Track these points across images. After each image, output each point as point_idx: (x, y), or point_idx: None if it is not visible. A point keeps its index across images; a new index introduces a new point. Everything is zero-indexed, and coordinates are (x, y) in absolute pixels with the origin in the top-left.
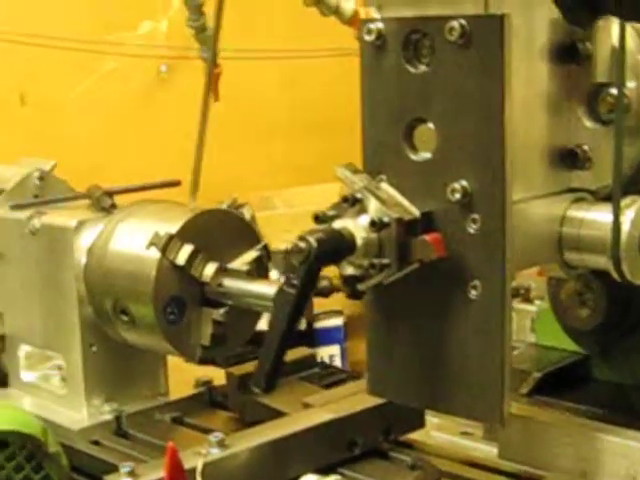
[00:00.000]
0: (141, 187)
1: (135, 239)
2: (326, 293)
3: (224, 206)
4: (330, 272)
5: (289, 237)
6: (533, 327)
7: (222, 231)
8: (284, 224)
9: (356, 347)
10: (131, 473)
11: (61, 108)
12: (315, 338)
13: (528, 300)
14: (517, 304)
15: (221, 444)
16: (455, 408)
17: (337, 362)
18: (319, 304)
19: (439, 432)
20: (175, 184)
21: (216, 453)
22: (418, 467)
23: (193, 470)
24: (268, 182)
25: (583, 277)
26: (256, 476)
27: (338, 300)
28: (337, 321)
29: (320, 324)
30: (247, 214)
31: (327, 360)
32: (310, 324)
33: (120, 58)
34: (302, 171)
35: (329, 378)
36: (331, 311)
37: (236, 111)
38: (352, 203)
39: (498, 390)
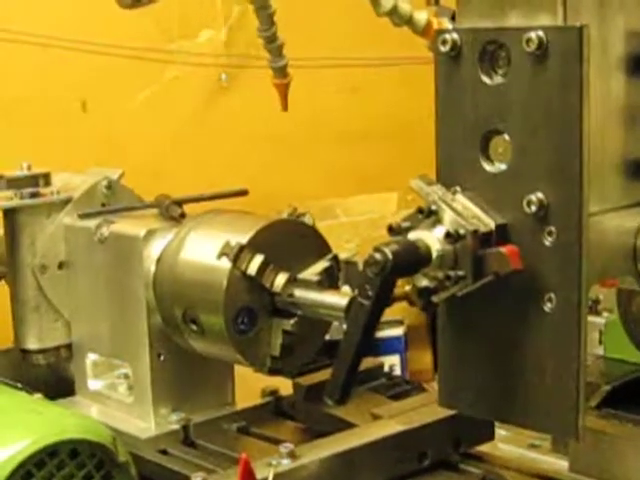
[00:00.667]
0: (209, 197)
1: (206, 248)
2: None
3: (284, 215)
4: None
5: (350, 246)
6: (601, 339)
7: (292, 241)
8: (345, 233)
9: (416, 357)
10: None
11: (123, 116)
12: (375, 347)
13: (596, 312)
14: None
15: (291, 455)
16: (529, 422)
17: (397, 372)
18: None
19: (507, 444)
20: (243, 193)
21: (286, 464)
22: (488, 479)
23: None
24: (328, 191)
25: None
26: None
27: (399, 309)
28: (398, 331)
29: (381, 333)
30: (308, 222)
31: (387, 370)
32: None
33: (181, 67)
34: (362, 180)
35: (396, 389)
36: (392, 321)
37: (297, 119)
38: (427, 215)
39: (573, 405)
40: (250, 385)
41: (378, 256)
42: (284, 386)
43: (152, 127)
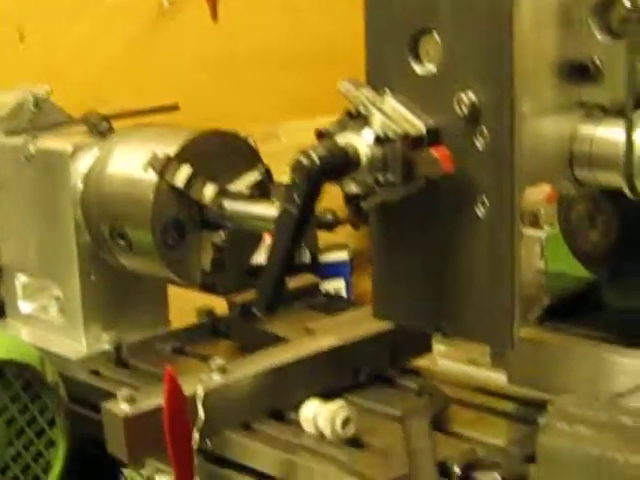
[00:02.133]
0: (139, 111)
1: (132, 162)
2: (331, 226)
3: None
4: (335, 205)
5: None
6: (542, 253)
7: (223, 153)
8: (287, 157)
9: (361, 281)
10: (129, 399)
11: (62, 45)
12: (321, 272)
13: (538, 226)
14: (526, 230)
15: (222, 370)
16: (464, 331)
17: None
18: (324, 238)
19: (446, 359)
20: (173, 108)
21: (217, 379)
22: (425, 393)
23: (193, 396)
24: (270, 115)
25: (594, 198)
26: (258, 402)
27: (344, 233)
28: (342, 255)
29: (325, 258)
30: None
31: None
32: (315, 258)
33: None
34: (305, 103)
35: (334, 306)
36: (336, 245)
37: (240, 42)
38: (355, 118)
39: (508, 312)
40: (185, 305)
41: (304, 160)
42: (221, 306)
43: (93, 55)
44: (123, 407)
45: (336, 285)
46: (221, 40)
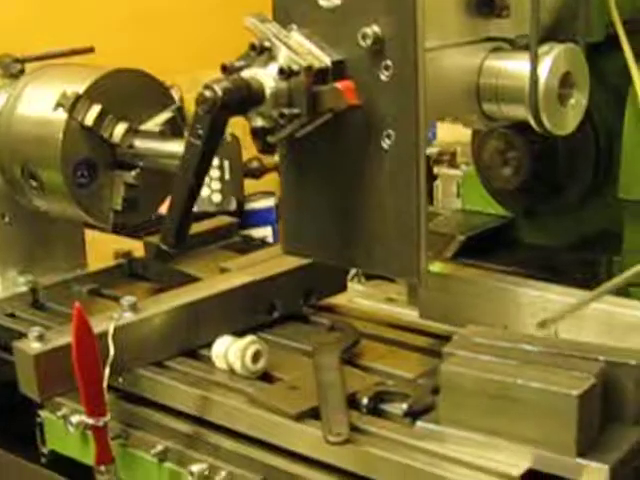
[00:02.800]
0: (53, 54)
1: (42, 101)
2: (257, 174)
3: None
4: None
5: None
6: (459, 192)
7: (134, 91)
8: None
9: None
10: (40, 337)
11: None
12: (247, 219)
13: (454, 165)
14: (443, 169)
15: (133, 308)
16: (372, 264)
17: None
18: (250, 185)
19: (363, 299)
20: (88, 51)
21: (128, 317)
22: (337, 328)
23: (105, 334)
24: (195, 64)
25: (505, 135)
26: (170, 339)
27: (270, 181)
28: (268, 202)
29: (251, 205)
30: (175, 96)
31: None
32: (241, 205)
33: None
34: (229, 51)
35: (250, 247)
36: (263, 192)
37: None
38: (260, 51)
39: (415, 244)
40: (103, 248)
41: (208, 93)
42: (139, 249)
43: (13, 7)
44: (33, 345)
45: (263, 232)
46: None
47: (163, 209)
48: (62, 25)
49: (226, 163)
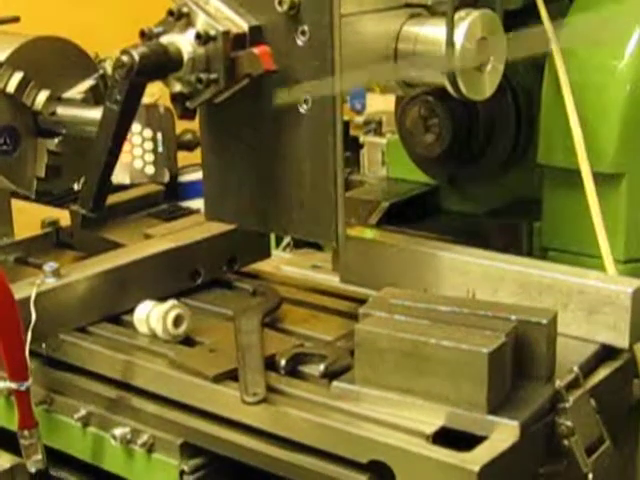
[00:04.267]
0: None
1: None
2: (191, 147)
3: None
4: (195, 127)
5: (153, 90)
6: (384, 160)
7: (57, 60)
8: None
9: None
10: None
11: None
12: (180, 192)
13: (380, 134)
14: (367, 138)
15: (56, 273)
16: (292, 228)
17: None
18: (184, 158)
19: (289, 266)
20: (13, 20)
21: (51, 282)
22: (259, 293)
23: (27, 299)
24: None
25: (427, 102)
26: (93, 304)
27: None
28: (202, 174)
29: (185, 178)
30: (109, 68)
31: None
32: (175, 178)
33: None
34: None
35: (175, 215)
36: (196, 164)
37: None
38: (178, 17)
39: (332, 207)
40: (30, 217)
41: (125, 58)
42: (65, 218)
43: None
44: None
45: (196, 205)
46: None
47: None
48: None
49: (159, 135)
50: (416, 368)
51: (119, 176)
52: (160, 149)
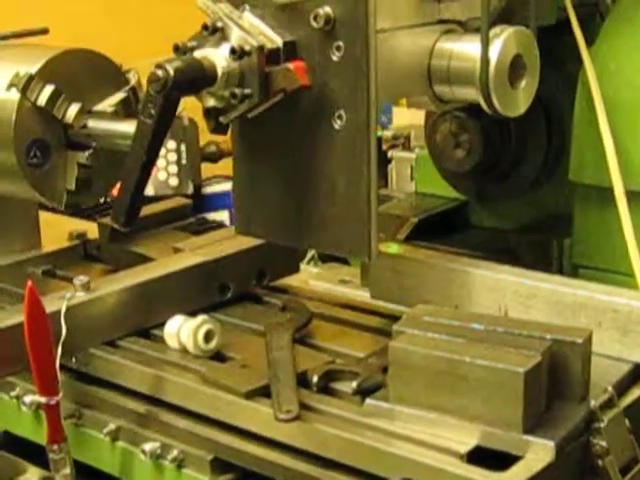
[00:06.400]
0: (7, 35)
1: None
2: (215, 159)
3: None
4: (219, 138)
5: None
6: (412, 175)
7: (88, 72)
8: None
9: None
10: None
11: None
12: (204, 204)
13: (408, 149)
14: (397, 152)
15: (86, 287)
16: (324, 243)
17: None
18: (208, 170)
19: (317, 281)
20: (43, 32)
21: (81, 296)
22: (290, 309)
23: (58, 313)
24: (157, 47)
25: (458, 118)
26: (123, 318)
27: (227, 165)
28: (226, 186)
29: (208, 190)
30: (133, 79)
31: None
32: (198, 190)
33: None
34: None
35: (203, 228)
36: (220, 176)
37: None
38: (213, 32)
39: (366, 223)
40: (58, 229)
41: (160, 72)
42: (93, 230)
43: None
44: None
45: (220, 217)
46: None
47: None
48: (19, 8)
49: (183, 147)
50: (450, 387)
51: None
52: (184, 161)
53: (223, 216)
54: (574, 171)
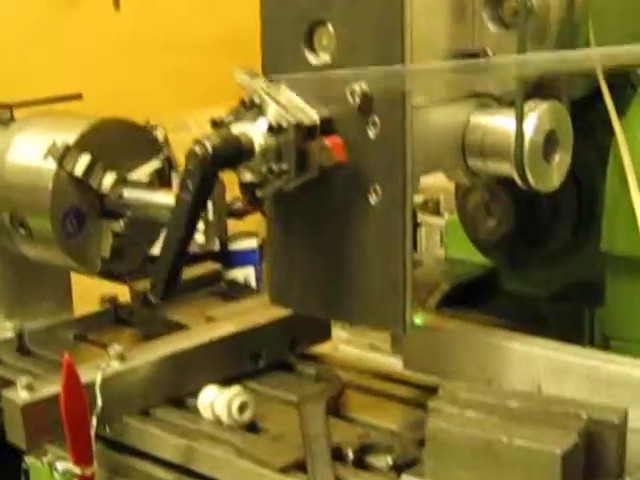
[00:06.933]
0: (41, 100)
1: (32, 150)
2: (240, 214)
3: None
4: None
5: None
6: (442, 241)
7: (123, 141)
8: None
9: None
10: (28, 387)
11: None
12: (229, 260)
13: (437, 213)
14: (426, 217)
15: (120, 357)
16: (358, 317)
17: (252, 284)
18: (234, 226)
19: (347, 345)
20: (76, 97)
21: (115, 366)
22: (322, 379)
23: (92, 383)
24: (181, 101)
25: (489, 187)
26: (157, 389)
27: (253, 221)
28: (251, 243)
29: (234, 246)
30: (160, 136)
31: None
32: (224, 245)
33: None
34: (216, 90)
35: (235, 294)
36: (246, 233)
37: (150, 28)
38: (250, 107)
39: (400, 297)
40: (89, 293)
41: (198, 149)
42: (124, 293)
43: None
44: (22, 395)
45: (245, 273)
46: (128, 26)
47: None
48: (46, 63)
49: (210, 204)
50: (487, 465)
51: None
52: (210, 218)
53: (248, 272)
54: (606, 241)
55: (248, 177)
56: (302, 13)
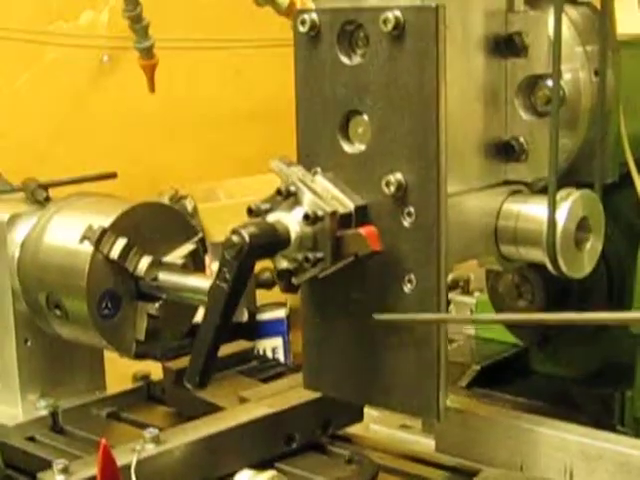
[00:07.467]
0: (76, 179)
1: (68, 232)
2: (269, 285)
3: (165, 198)
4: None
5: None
6: None
7: (157, 224)
8: (226, 215)
9: (299, 339)
10: (64, 470)
11: (3, 100)
12: (258, 330)
13: (467, 292)
14: (456, 296)
15: (156, 440)
16: (391, 403)
17: (280, 354)
18: (262, 296)
19: (378, 425)
20: (111, 176)
21: (151, 449)
22: (356, 461)
23: (128, 466)
24: (210, 174)
25: (520, 269)
26: (191, 472)
27: (281, 292)
28: (280, 313)
29: (263, 316)
30: (189, 206)
31: (270, 352)
32: (253, 316)
33: (61, 48)
34: (243, 162)
35: (268, 371)
36: (274, 303)
37: (179, 101)
38: (286, 196)
39: (434, 384)
40: (121, 370)
41: (235, 238)
42: (157, 371)
43: (33, 110)
44: (58, 478)
45: (274, 343)
46: (161, 98)
47: None
48: (78, 136)
49: None
50: None
51: (197, 316)
52: None
53: (277, 342)
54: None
55: (284, 264)
56: (338, 103)
